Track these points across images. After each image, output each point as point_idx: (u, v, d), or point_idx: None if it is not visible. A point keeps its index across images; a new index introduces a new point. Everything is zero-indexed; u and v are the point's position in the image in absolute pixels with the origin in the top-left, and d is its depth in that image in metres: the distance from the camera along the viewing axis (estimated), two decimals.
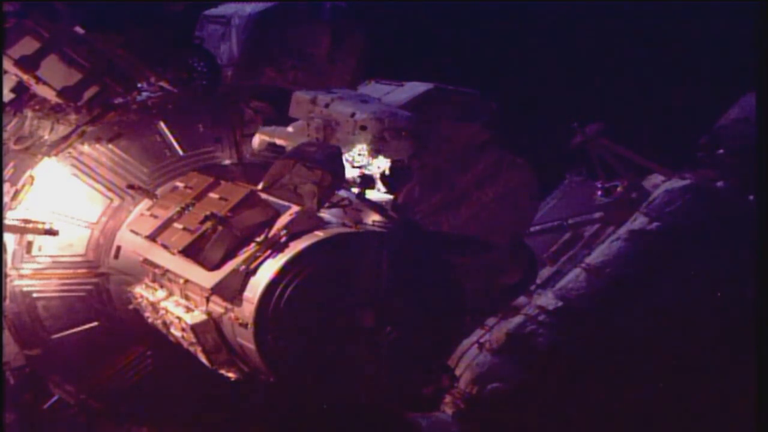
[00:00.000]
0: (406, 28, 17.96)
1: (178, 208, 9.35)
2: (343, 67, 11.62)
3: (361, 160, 9.04)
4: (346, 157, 9.03)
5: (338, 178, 8.80)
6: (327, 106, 9.34)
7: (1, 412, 9.98)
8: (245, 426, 10.40)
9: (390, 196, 9.23)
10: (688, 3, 17.40)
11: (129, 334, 10.21)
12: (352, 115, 9.05)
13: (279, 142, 10.07)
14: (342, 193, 9.07)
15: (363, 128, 8.94)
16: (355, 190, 9.09)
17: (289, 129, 9.93)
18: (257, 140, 10.32)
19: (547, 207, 13.51)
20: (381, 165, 9.07)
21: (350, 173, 9.07)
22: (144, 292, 9.59)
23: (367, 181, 9.09)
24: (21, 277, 10.13)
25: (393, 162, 9.12)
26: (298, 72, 11.42)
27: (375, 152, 9.01)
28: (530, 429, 11.14)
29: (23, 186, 10.20)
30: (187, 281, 8.91)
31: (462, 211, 9.48)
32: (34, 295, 10.15)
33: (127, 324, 10.14)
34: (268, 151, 10.36)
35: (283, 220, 8.75)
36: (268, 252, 8.43)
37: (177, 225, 9.14)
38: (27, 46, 9.68)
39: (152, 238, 9.32)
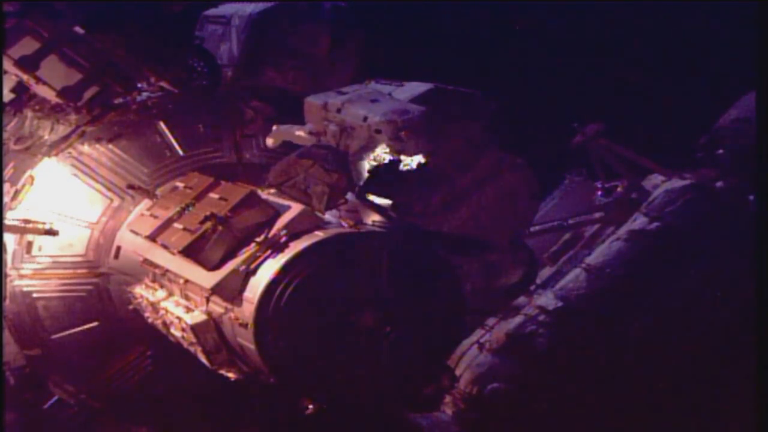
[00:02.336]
0: (406, 28, 17.95)
1: (178, 208, 9.36)
2: (342, 67, 11.61)
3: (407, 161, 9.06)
4: (373, 159, 9.07)
5: (352, 182, 8.85)
6: (339, 111, 9.32)
7: (1, 412, 9.98)
8: (245, 426, 10.40)
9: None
10: (688, 3, 17.39)
11: (129, 334, 10.22)
12: (365, 119, 9.04)
13: (296, 141, 10.05)
14: None
15: (378, 132, 8.94)
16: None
17: (300, 132, 9.91)
18: (272, 138, 10.31)
19: (547, 207, 13.49)
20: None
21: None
22: (144, 292, 9.59)
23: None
24: (21, 277, 10.14)
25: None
26: (298, 72, 11.41)
27: (397, 152, 9.00)
28: (530, 429, 11.13)
29: (23, 186, 10.21)
30: (187, 281, 8.92)
31: (462, 211, 9.48)
32: (34, 295, 10.16)
33: (127, 324, 10.14)
34: (283, 149, 10.34)
35: (283, 220, 8.76)
36: (268, 252, 8.44)
37: (177, 225, 9.15)
38: (27, 46, 9.68)
39: (152, 238, 9.33)
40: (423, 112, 9.01)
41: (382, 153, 9.03)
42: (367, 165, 9.10)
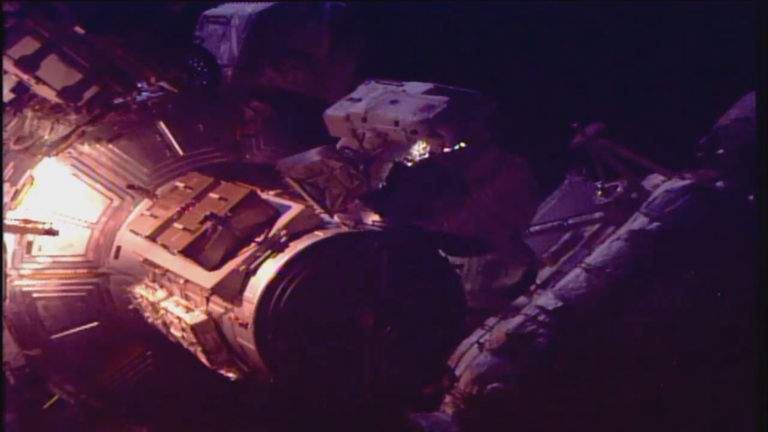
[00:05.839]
0: (406, 28, 17.95)
1: (178, 208, 9.35)
2: (343, 67, 11.61)
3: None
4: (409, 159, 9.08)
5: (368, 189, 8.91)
6: (364, 119, 9.33)
7: (1, 412, 9.98)
8: (245, 426, 10.40)
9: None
10: (688, 3, 17.40)
11: (129, 334, 10.21)
12: (396, 123, 9.06)
13: None
14: None
15: (414, 132, 8.95)
16: None
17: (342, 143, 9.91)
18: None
19: (547, 207, 13.50)
20: None
21: None
22: (144, 292, 9.59)
23: None
24: (21, 277, 10.13)
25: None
26: (298, 72, 11.41)
27: (438, 147, 9.00)
28: (530, 429, 11.13)
29: (23, 186, 10.21)
30: (187, 281, 8.91)
31: (462, 210, 9.48)
32: (34, 295, 10.15)
33: (127, 324, 10.14)
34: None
35: (283, 220, 8.76)
36: (268, 252, 8.43)
37: (177, 225, 9.15)
38: (27, 46, 9.67)
39: (152, 238, 9.32)
40: (448, 102, 9.02)
41: (420, 151, 9.04)
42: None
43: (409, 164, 9.11)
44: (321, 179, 8.78)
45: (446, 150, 9.05)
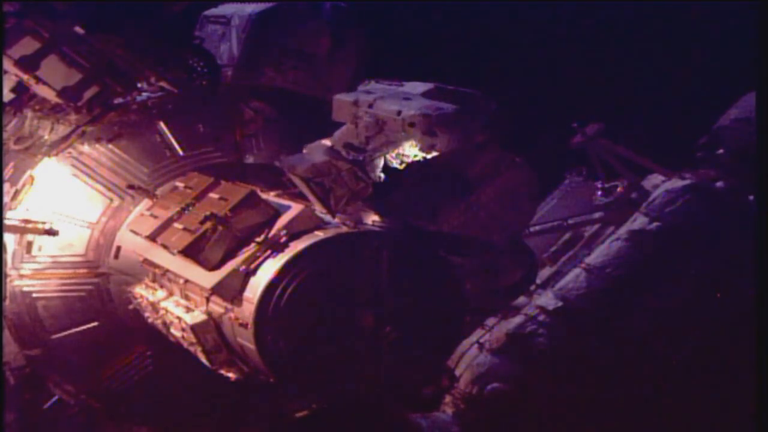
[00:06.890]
0: (406, 28, 17.96)
1: (178, 208, 9.36)
2: (343, 67, 11.60)
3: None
4: (398, 155, 9.10)
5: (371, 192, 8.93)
6: (371, 106, 9.36)
7: (1, 412, 9.98)
8: (245, 426, 10.40)
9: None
10: (688, 3, 17.40)
11: (129, 334, 10.21)
12: (398, 113, 9.08)
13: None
14: None
15: (411, 125, 8.96)
16: None
17: (336, 136, 9.91)
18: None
19: (547, 207, 13.51)
20: None
21: None
22: (144, 292, 9.59)
23: None
24: (21, 277, 10.13)
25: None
26: (298, 72, 11.40)
27: (429, 147, 9.01)
28: (530, 429, 11.14)
29: (23, 186, 10.21)
30: (187, 281, 8.92)
31: (462, 211, 9.48)
32: (34, 295, 10.15)
33: (127, 324, 10.14)
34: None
35: (283, 220, 8.76)
36: (268, 252, 8.44)
37: (177, 225, 9.15)
38: (27, 46, 9.66)
39: (152, 238, 9.32)
40: (456, 109, 9.04)
41: (410, 148, 9.05)
42: (389, 161, 9.14)
43: (400, 161, 9.11)
44: (327, 179, 8.80)
45: (444, 151, 9.05)
